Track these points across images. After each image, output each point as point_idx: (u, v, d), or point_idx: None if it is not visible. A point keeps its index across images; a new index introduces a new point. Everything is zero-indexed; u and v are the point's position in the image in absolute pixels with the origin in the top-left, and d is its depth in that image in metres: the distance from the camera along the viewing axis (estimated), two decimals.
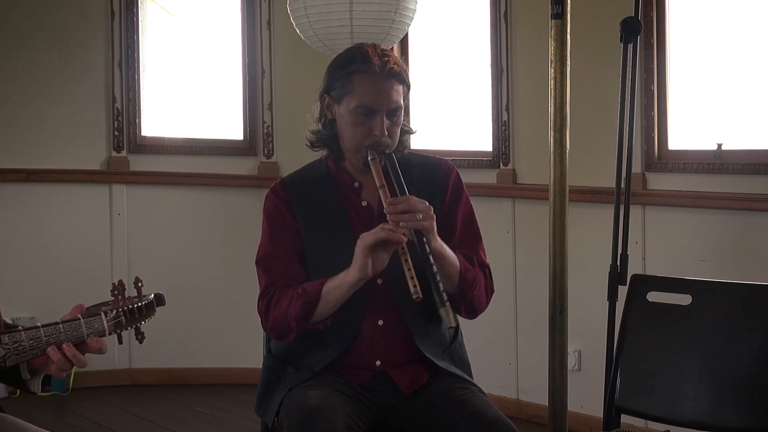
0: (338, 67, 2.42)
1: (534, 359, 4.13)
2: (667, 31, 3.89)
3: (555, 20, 2.45)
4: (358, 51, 2.40)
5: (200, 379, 5.05)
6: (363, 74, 2.35)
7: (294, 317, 2.33)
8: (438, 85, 4.64)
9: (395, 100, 2.37)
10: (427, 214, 2.27)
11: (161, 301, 2.02)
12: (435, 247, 2.28)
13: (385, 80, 2.35)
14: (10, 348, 1.85)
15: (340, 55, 2.45)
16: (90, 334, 1.89)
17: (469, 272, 2.38)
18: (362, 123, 2.36)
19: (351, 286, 2.29)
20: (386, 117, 2.37)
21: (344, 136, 2.42)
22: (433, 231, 2.27)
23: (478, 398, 2.34)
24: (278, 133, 5.05)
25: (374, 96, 2.35)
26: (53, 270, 4.94)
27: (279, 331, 2.40)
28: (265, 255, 2.45)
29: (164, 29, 5.14)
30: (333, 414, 2.20)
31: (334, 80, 2.41)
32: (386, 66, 2.35)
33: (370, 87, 2.35)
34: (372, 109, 2.35)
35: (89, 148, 5.00)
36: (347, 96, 2.37)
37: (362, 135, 2.37)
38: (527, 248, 4.30)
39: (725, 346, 2.50)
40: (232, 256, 5.02)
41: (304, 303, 2.31)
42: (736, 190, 3.68)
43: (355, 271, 2.26)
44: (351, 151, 2.43)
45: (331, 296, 2.31)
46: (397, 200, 2.28)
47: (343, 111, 2.40)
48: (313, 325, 2.35)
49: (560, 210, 2.50)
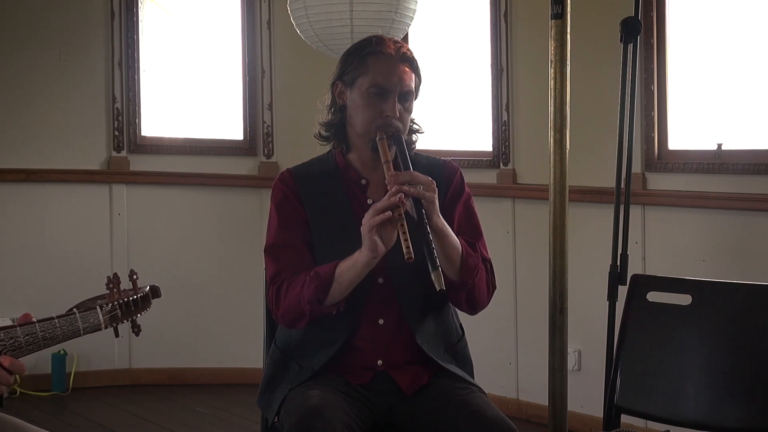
0: (352, 52, 2.45)
1: (534, 359, 4.13)
2: (667, 31, 3.89)
3: (555, 20, 2.45)
4: (374, 36, 2.45)
5: (200, 379, 5.05)
6: (377, 55, 2.39)
7: (307, 300, 2.30)
8: (438, 85, 4.64)
9: (407, 84, 2.39)
10: (429, 186, 2.26)
11: (157, 293, 2.00)
12: (437, 222, 2.27)
13: (399, 63, 2.39)
14: (6, 344, 1.85)
15: (354, 44, 2.50)
16: (86, 328, 1.89)
17: (471, 258, 2.36)
18: (374, 103, 2.37)
19: (364, 266, 2.27)
20: (398, 101, 2.38)
21: (355, 120, 2.42)
22: (433, 202, 2.26)
23: (478, 398, 2.34)
24: (278, 133, 5.06)
25: (388, 76, 2.37)
26: (53, 270, 4.94)
27: (290, 318, 2.37)
28: (275, 243, 2.43)
29: (164, 29, 5.14)
30: (332, 414, 2.20)
31: (348, 64, 2.43)
32: (400, 50, 2.40)
33: (384, 67, 2.38)
34: (385, 88, 2.37)
35: (89, 148, 5.01)
36: (361, 77, 2.39)
37: (373, 115, 2.37)
38: (527, 248, 4.30)
39: (725, 346, 2.50)
40: (232, 256, 5.02)
41: (317, 285, 2.29)
42: (736, 190, 3.68)
43: (366, 251, 2.24)
44: (360, 135, 2.42)
45: (344, 277, 2.29)
46: (399, 173, 2.28)
47: (355, 94, 2.41)
48: (327, 308, 2.33)
49: (560, 210, 2.50)
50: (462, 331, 2.54)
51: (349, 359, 2.40)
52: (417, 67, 2.44)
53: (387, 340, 2.40)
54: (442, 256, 2.28)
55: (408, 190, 2.22)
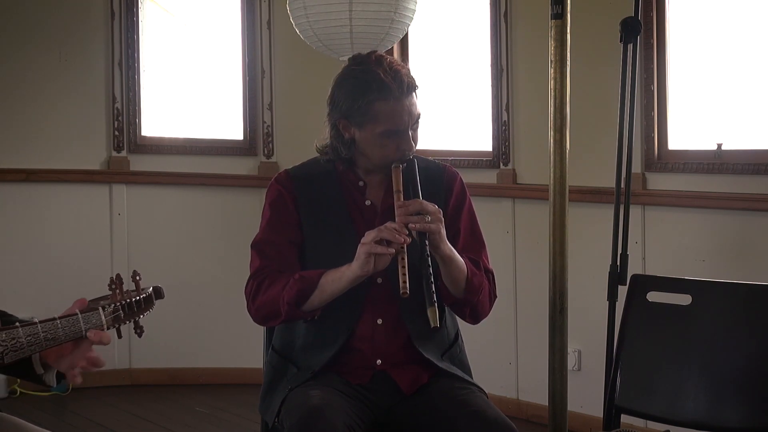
0: (354, 96, 2.37)
1: (534, 359, 4.13)
2: (667, 31, 3.89)
3: (555, 20, 2.45)
4: (371, 76, 2.35)
5: (200, 379, 5.05)
6: (383, 102, 2.34)
7: (287, 301, 2.33)
8: (438, 85, 4.64)
9: (415, 114, 2.40)
10: (436, 216, 2.30)
11: (160, 294, 2.00)
12: (444, 250, 2.31)
13: (405, 99, 2.36)
14: (8, 345, 1.84)
15: (348, 79, 2.40)
16: (88, 329, 1.88)
17: (476, 277, 2.40)
18: (390, 144, 2.38)
19: (350, 282, 2.30)
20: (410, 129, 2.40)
21: (370, 153, 2.43)
22: (439, 233, 2.29)
23: (478, 398, 2.34)
24: (278, 133, 5.05)
25: (398, 119, 2.36)
26: (53, 270, 4.93)
27: (264, 314, 2.40)
28: (262, 239, 2.47)
29: (164, 29, 5.14)
30: (333, 413, 2.21)
31: (352, 109, 2.37)
32: (402, 85, 2.35)
33: (393, 113, 2.35)
34: (398, 131, 2.37)
35: (89, 148, 5.00)
36: (370, 123, 2.37)
37: (390, 153, 2.39)
38: (527, 248, 4.30)
39: (725, 346, 2.50)
40: (232, 256, 5.01)
41: (300, 289, 2.32)
42: (736, 190, 3.68)
43: (356, 268, 2.27)
44: (378, 166, 2.44)
45: (328, 287, 2.32)
46: (408, 202, 2.31)
47: (366, 134, 2.39)
48: (303, 313, 2.35)
49: (560, 210, 2.50)
50: (458, 336, 2.55)
51: (349, 359, 2.41)
52: (416, 84, 2.40)
53: (386, 341, 2.41)
54: (449, 279, 2.34)
55: (415, 226, 2.26)
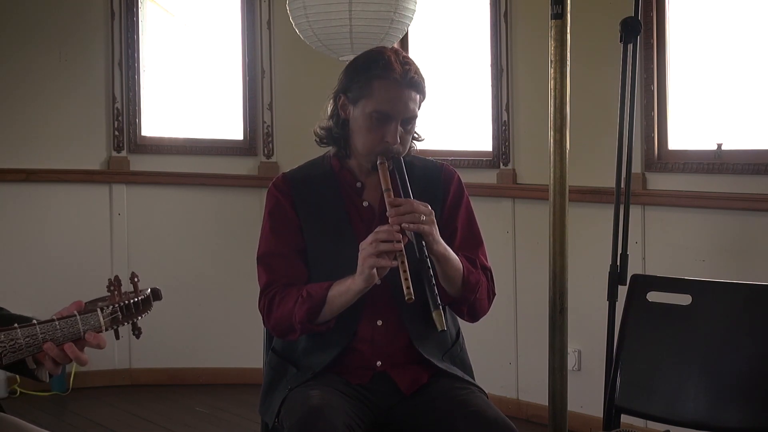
0: (358, 69, 2.40)
1: (534, 359, 4.13)
2: (667, 31, 3.89)
3: (555, 20, 2.45)
4: (381, 56, 2.38)
5: (200, 379, 5.05)
6: (383, 80, 2.34)
7: (299, 320, 2.34)
8: (438, 85, 4.63)
9: (411, 109, 2.37)
10: (428, 216, 2.28)
11: (158, 296, 2.00)
12: (438, 249, 2.30)
13: (405, 89, 2.35)
14: (6, 346, 1.84)
15: (360, 56, 2.44)
16: (86, 330, 1.88)
17: (472, 275, 2.39)
18: (376, 128, 2.36)
19: (357, 293, 2.30)
20: (400, 125, 2.37)
21: (356, 139, 2.42)
22: (432, 234, 2.28)
23: (478, 398, 2.34)
24: (278, 133, 5.06)
25: (391, 103, 2.35)
26: (53, 270, 4.93)
27: (281, 330, 2.41)
28: (267, 252, 2.45)
29: (164, 29, 5.14)
30: (333, 414, 2.21)
31: (353, 81, 2.39)
32: (407, 75, 2.35)
33: (389, 94, 2.34)
34: (388, 115, 2.35)
35: (89, 148, 5.00)
36: (364, 99, 2.37)
37: (375, 140, 2.37)
38: (527, 248, 4.30)
39: (725, 346, 2.50)
40: (232, 256, 5.02)
41: (309, 307, 2.32)
42: (736, 190, 3.68)
43: (360, 282, 2.27)
44: (362, 154, 2.42)
45: (336, 301, 2.32)
46: (399, 201, 2.29)
47: (357, 113, 2.39)
48: (317, 326, 2.36)
49: (560, 210, 2.50)
50: (458, 335, 2.55)
51: (349, 360, 2.41)
52: (423, 88, 2.40)
53: (386, 341, 2.41)
54: (445, 278, 2.33)
55: (409, 226, 2.25)
